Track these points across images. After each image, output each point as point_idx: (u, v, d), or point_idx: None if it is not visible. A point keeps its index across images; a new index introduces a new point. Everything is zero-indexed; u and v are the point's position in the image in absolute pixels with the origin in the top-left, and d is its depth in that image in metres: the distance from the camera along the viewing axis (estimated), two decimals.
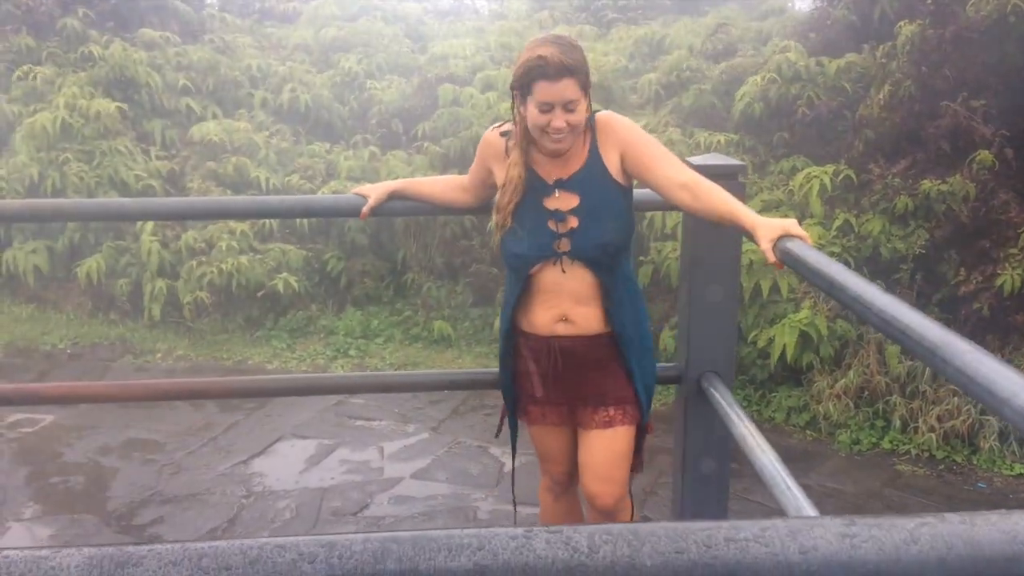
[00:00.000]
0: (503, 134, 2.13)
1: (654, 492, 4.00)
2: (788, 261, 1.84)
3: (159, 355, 5.71)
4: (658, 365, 2.56)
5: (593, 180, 2.08)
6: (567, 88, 1.94)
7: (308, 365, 5.53)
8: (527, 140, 2.05)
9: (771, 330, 4.79)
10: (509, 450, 4.17)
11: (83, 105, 6.48)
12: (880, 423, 4.56)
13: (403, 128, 7.21)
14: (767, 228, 1.83)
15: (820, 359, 4.70)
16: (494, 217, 2.14)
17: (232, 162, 6.41)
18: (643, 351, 2.24)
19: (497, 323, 5.86)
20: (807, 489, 4.06)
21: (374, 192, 2.23)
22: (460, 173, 2.36)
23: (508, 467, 4.17)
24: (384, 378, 2.84)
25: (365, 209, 2.22)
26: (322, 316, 6.11)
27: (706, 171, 2.53)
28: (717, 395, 2.51)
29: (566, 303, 2.11)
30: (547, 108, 1.96)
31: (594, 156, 2.09)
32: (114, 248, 6.26)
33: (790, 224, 1.84)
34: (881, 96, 5.08)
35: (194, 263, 5.91)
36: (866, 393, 4.61)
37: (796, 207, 4.97)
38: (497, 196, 2.13)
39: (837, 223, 4.82)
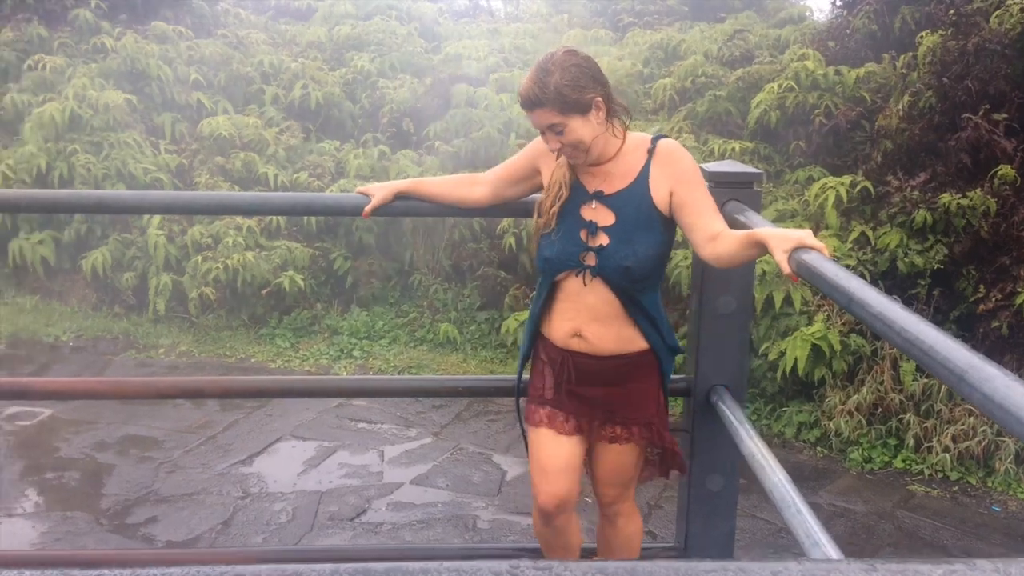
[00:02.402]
0: None
1: (659, 506, 3.90)
2: (804, 274, 1.76)
3: (162, 350, 5.65)
4: (673, 377, 2.47)
5: (633, 202, 2.02)
6: (540, 117, 1.94)
7: (311, 365, 5.46)
8: None
9: (783, 343, 4.69)
10: (511, 458, 4.09)
11: (92, 96, 6.44)
12: (893, 441, 4.45)
13: (414, 128, 7.14)
14: (781, 239, 1.78)
15: (833, 374, 4.60)
16: (535, 220, 2.10)
17: (240, 157, 6.35)
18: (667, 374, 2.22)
19: (503, 327, 5.82)
20: (816, 508, 3.97)
21: (379, 192, 2.19)
22: (472, 173, 2.31)
23: (511, 475, 4.09)
24: (381, 383, 2.76)
25: (368, 208, 2.18)
26: (327, 315, 6.04)
27: (722, 178, 2.47)
28: (726, 410, 2.44)
29: (583, 317, 2.06)
30: (541, 131, 2.00)
31: (642, 180, 2.04)
32: (120, 241, 6.21)
33: (805, 235, 1.78)
34: (901, 107, 4.99)
35: (199, 258, 5.85)
36: (879, 410, 4.50)
37: (811, 218, 4.87)
38: (540, 198, 2.10)
39: (853, 235, 4.72)
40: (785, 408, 4.77)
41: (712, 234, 1.95)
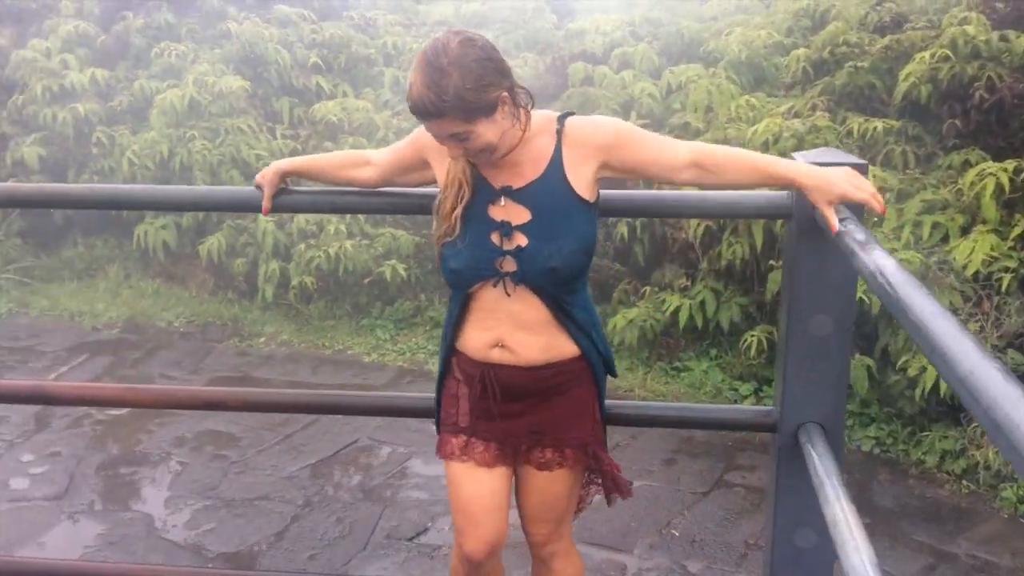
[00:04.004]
0: None
1: (758, 546, 3.39)
2: (872, 284, 1.43)
3: (263, 339, 5.60)
4: (752, 408, 2.31)
5: (549, 194, 1.75)
6: (440, 127, 1.65)
7: (406, 360, 5.24)
8: None
9: (924, 357, 4.02)
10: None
11: (211, 82, 6.47)
12: None
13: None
14: (824, 184, 1.68)
15: None
16: (435, 225, 1.81)
17: (349, 143, 6.20)
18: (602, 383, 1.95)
19: (611, 323, 5.31)
20: (952, 559, 3.30)
21: (266, 177, 1.95)
22: (364, 151, 2.05)
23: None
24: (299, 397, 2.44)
25: (265, 202, 1.96)
26: (430, 307, 5.81)
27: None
28: (815, 456, 1.99)
29: (504, 326, 1.80)
30: (436, 139, 1.71)
31: (555, 166, 1.75)
32: (234, 227, 6.22)
33: (851, 175, 1.70)
34: None
35: (303, 246, 5.75)
36: None
37: (966, 210, 4.14)
38: (438, 200, 1.80)
39: (1016, 231, 3.96)
40: (927, 432, 4.09)
41: (685, 162, 1.76)
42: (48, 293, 6.36)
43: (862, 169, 2.04)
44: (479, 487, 1.88)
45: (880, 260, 1.59)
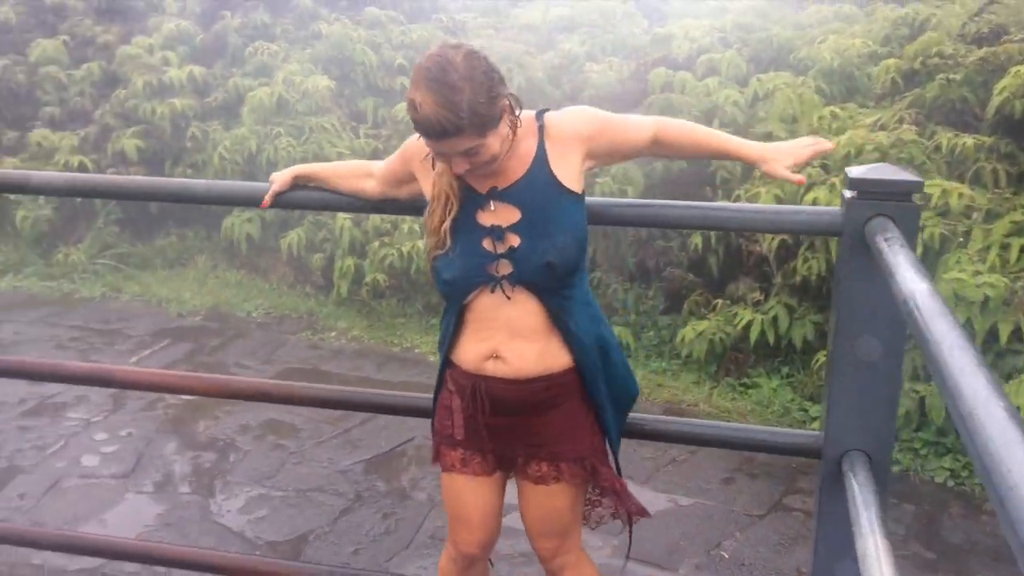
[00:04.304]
0: None
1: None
2: (902, 310, 1.37)
3: (335, 334, 5.72)
4: (798, 432, 2.27)
5: (537, 190, 1.74)
6: (456, 144, 1.62)
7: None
8: None
9: (1007, 386, 3.80)
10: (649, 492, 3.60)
11: (298, 81, 6.64)
12: None
13: None
14: (775, 154, 1.80)
15: None
16: (425, 240, 1.86)
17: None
18: (614, 380, 1.89)
19: (679, 335, 5.26)
20: None
21: (279, 177, 2.03)
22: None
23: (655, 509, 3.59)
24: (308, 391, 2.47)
25: (267, 197, 2.01)
26: None
27: (866, 186, 1.96)
28: (856, 486, 1.93)
29: (500, 335, 1.78)
30: (441, 156, 1.69)
31: (539, 162, 1.75)
32: (314, 223, 6.37)
33: (798, 142, 1.82)
34: None
35: (377, 243, 5.84)
36: None
37: None
38: (426, 214, 1.80)
39: None
40: None
41: (648, 139, 1.84)
42: (140, 279, 6.65)
43: (917, 187, 1.95)
44: (476, 498, 1.90)
45: (914, 285, 1.52)
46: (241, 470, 3.91)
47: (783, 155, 1.78)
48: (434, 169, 1.76)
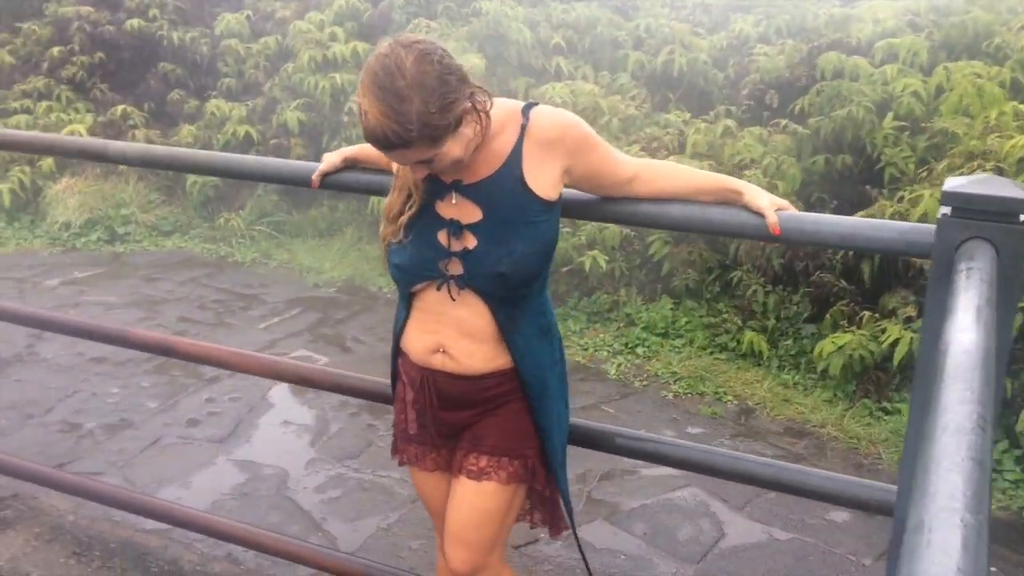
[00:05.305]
0: None
1: None
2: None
3: None
4: (873, 484, 1.99)
5: (504, 191, 1.59)
6: (405, 156, 1.50)
7: (586, 357, 5.02)
8: None
9: None
10: (732, 512, 3.30)
11: None
12: None
13: (778, 101, 6.19)
14: (760, 194, 1.71)
15: None
16: (382, 225, 1.70)
17: None
18: (552, 400, 1.79)
19: (816, 348, 4.75)
20: None
21: (329, 158, 2.01)
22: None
23: (730, 533, 3.25)
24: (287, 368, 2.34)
25: (314, 176, 2.02)
26: (628, 303, 5.53)
27: (966, 202, 1.67)
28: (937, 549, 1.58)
29: (448, 331, 1.70)
30: (401, 164, 1.61)
31: (512, 162, 1.59)
32: None
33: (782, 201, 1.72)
34: None
35: None
36: None
37: None
38: (387, 199, 1.69)
39: None
40: None
41: (627, 178, 1.72)
42: (290, 247, 6.89)
43: (1019, 204, 1.60)
44: (437, 490, 1.90)
45: (960, 333, 1.23)
46: (328, 447, 3.90)
47: (765, 195, 1.69)
48: (413, 175, 1.67)
